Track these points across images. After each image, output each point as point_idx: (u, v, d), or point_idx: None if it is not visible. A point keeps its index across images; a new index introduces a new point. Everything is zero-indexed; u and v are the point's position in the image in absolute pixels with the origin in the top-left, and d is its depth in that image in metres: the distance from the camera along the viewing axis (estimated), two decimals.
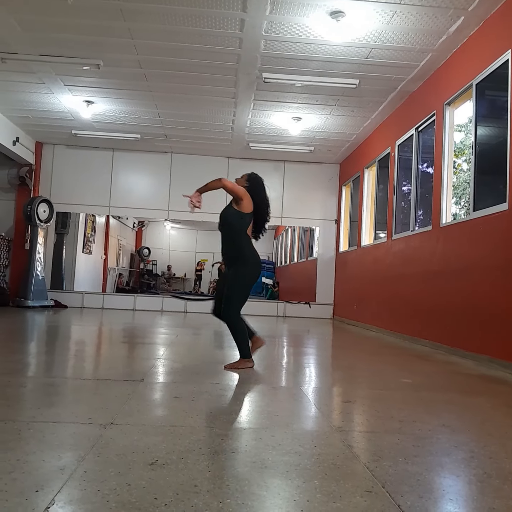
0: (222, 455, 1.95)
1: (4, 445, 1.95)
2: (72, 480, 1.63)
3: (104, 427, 2.20)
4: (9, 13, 5.42)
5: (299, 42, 5.77)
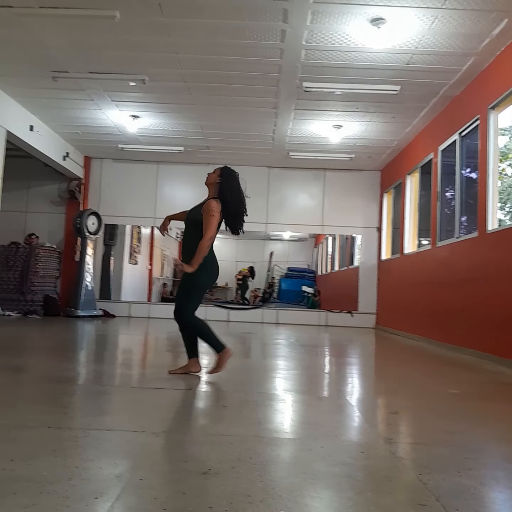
0: (273, 465, 1.97)
1: (63, 452, 2.03)
2: (128, 487, 1.68)
3: (156, 435, 2.26)
4: (61, 33, 5.65)
5: (340, 50, 5.78)
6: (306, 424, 2.67)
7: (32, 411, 2.69)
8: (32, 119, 8.40)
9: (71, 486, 1.68)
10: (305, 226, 11.17)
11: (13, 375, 3.61)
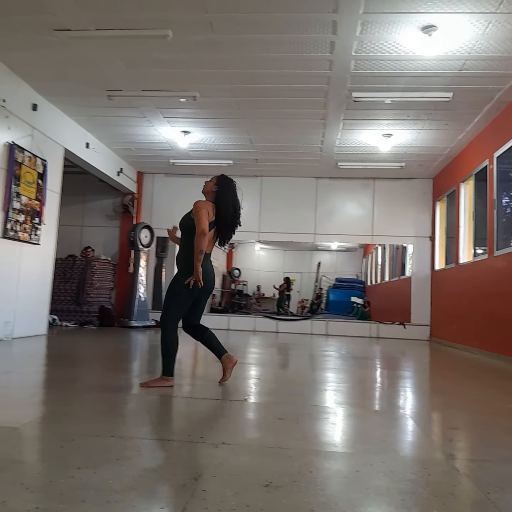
0: (334, 479, 1.95)
1: (127, 461, 2.08)
2: (193, 498, 1.71)
3: (216, 446, 2.28)
4: (116, 54, 5.87)
5: (390, 59, 5.74)
6: (365, 438, 2.63)
7: (94, 420, 2.77)
8: (88, 136, 8.74)
9: (137, 496, 1.72)
10: (354, 236, 11.07)
11: (73, 385, 3.73)
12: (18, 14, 5.11)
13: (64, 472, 1.89)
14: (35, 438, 2.40)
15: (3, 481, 1.82)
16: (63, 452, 2.16)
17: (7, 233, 6.51)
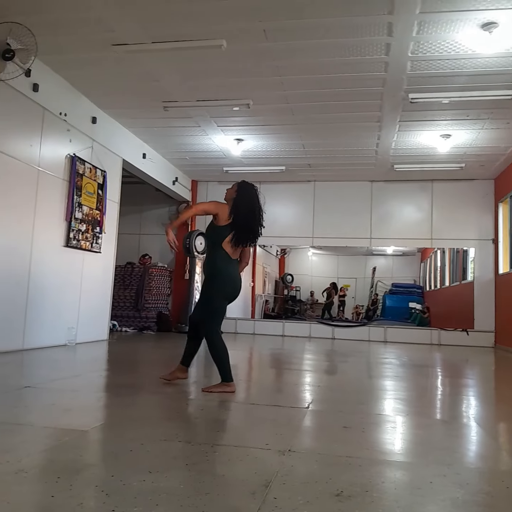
0: (407, 490, 1.90)
1: (196, 466, 2.10)
2: (264, 505, 1.70)
3: (282, 453, 2.27)
4: (172, 67, 6.01)
5: (448, 58, 5.59)
6: (435, 449, 2.55)
7: (160, 425, 2.82)
8: (145, 147, 8.97)
9: (209, 501, 1.73)
10: (412, 240, 10.78)
11: (136, 389, 3.81)
12: (78, 32, 5.33)
13: (136, 476, 1.93)
14: (105, 442, 2.47)
15: (79, 483, 1.87)
16: (133, 456, 2.20)
17: (70, 242, 6.76)
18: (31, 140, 6.03)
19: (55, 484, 1.83)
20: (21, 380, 4.13)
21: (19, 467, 1.99)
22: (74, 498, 1.72)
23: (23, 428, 2.61)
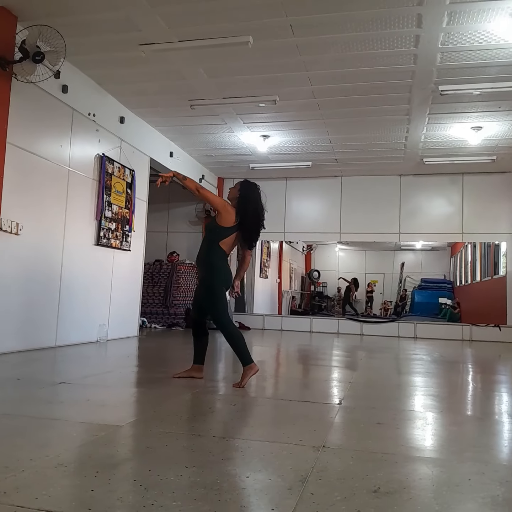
0: (445, 487, 1.87)
1: (231, 461, 2.11)
2: (302, 501, 1.70)
3: (317, 449, 2.26)
4: (198, 65, 6.04)
5: (479, 49, 5.47)
6: (471, 446, 2.51)
7: (194, 420, 2.84)
8: (172, 146, 9.04)
9: (247, 496, 1.74)
10: (442, 234, 10.60)
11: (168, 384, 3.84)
12: (106, 33, 5.40)
13: (173, 471, 1.95)
14: (140, 437, 2.50)
15: (118, 477, 1.90)
16: (169, 451, 2.23)
17: (100, 241, 6.86)
18: (61, 141, 6.13)
19: (94, 478, 1.86)
20: (55, 377, 4.22)
21: (59, 461, 2.03)
22: (113, 492, 1.74)
23: (59, 423, 2.66)
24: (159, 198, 10.43)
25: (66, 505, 1.62)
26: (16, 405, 3.06)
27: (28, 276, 5.59)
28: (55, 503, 1.63)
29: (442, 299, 14.01)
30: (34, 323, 5.72)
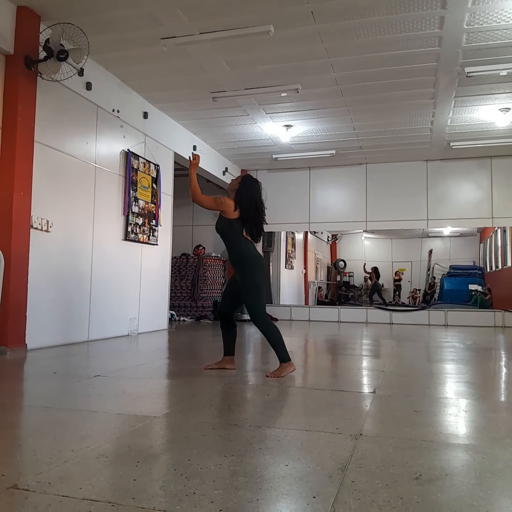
0: (488, 474, 1.84)
1: (269, 450, 2.11)
2: (343, 488, 1.69)
3: (355, 438, 2.25)
4: (220, 57, 6.02)
5: (506, 28, 5.33)
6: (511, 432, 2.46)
7: (230, 411, 2.86)
8: (195, 139, 9.06)
9: (287, 484, 1.74)
10: (471, 220, 10.37)
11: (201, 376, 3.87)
12: (128, 29, 5.43)
13: (213, 460, 1.96)
14: (177, 427, 2.52)
15: (158, 467, 1.92)
16: (207, 441, 2.24)
17: (128, 236, 6.93)
18: (87, 138, 6.20)
19: (135, 468, 1.88)
20: (90, 370, 4.29)
21: (99, 452, 2.06)
22: (155, 481, 1.76)
23: (98, 415, 2.71)
24: (184, 193, 10.44)
25: (109, 495, 1.65)
26: (54, 399, 3.12)
27: (59, 272, 5.69)
28: (99, 493, 1.66)
29: (472, 285, 13.78)
30: (67, 318, 5.82)
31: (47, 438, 2.27)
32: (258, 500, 1.60)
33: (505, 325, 9.86)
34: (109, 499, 1.61)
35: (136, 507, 1.55)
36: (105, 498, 1.62)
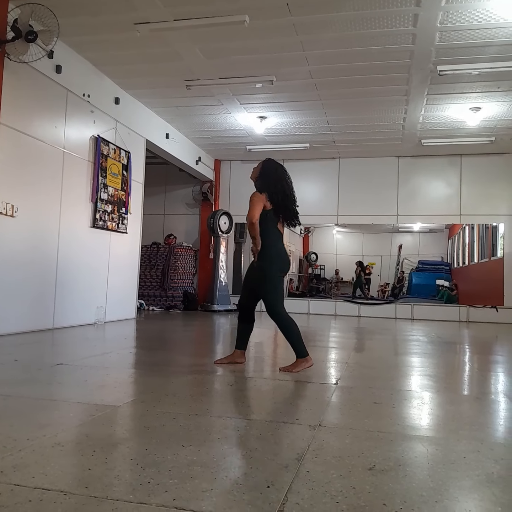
0: (440, 465, 1.88)
1: (229, 440, 2.12)
2: (297, 478, 1.71)
3: (313, 428, 2.28)
4: (195, 44, 5.95)
5: (478, 28, 5.40)
6: (467, 424, 2.52)
7: (192, 401, 2.85)
8: (168, 127, 8.96)
9: (243, 474, 1.75)
10: (440, 216, 10.58)
11: (167, 366, 3.86)
12: (100, 12, 5.32)
13: (170, 449, 1.96)
14: (138, 417, 2.51)
15: (115, 456, 1.91)
16: (166, 430, 2.24)
17: (96, 223, 6.83)
18: (56, 122, 6.07)
19: (91, 457, 1.87)
20: (53, 358, 4.22)
21: (56, 441, 2.04)
22: (110, 470, 1.75)
23: (57, 404, 2.67)
24: (156, 181, 10.38)
25: (63, 484, 1.63)
26: (14, 387, 3.06)
27: (24, 258, 5.57)
28: (52, 482, 1.63)
29: (439, 281, 14.05)
30: (32, 306, 5.72)
31: (3, 427, 2.23)
32: (212, 489, 1.61)
33: (470, 320, 10.10)
34: (62, 488, 1.59)
35: (88, 496, 1.54)
36: (58, 487, 1.60)
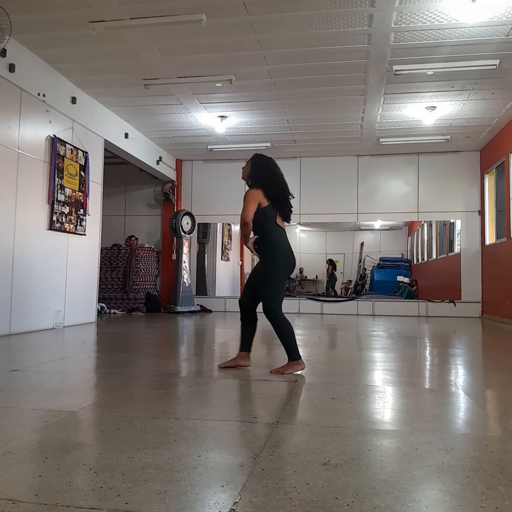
0: (394, 457, 1.92)
1: (186, 441, 2.10)
2: (252, 476, 1.71)
3: (271, 426, 2.29)
4: (152, 43, 5.89)
5: (431, 29, 5.53)
6: (421, 417, 2.58)
7: (150, 404, 2.82)
8: (127, 126, 8.84)
9: (198, 475, 1.74)
10: (399, 214, 10.82)
11: (126, 370, 3.81)
12: (54, 9, 5.19)
13: (125, 453, 1.93)
14: (94, 421, 2.46)
15: (68, 462, 1.86)
16: (122, 434, 2.20)
17: (53, 225, 6.68)
18: (10, 122, 5.91)
19: (43, 464, 1.82)
20: (8, 364, 4.11)
21: (6, 449, 1.98)
22: (62, 477, 1.71)
23: (10, 411, 2.60)
24: (116, 181, 10.23)
25: (12, 492, 1.58)
26: None
27: None
28: (0, 490, 1.59)
29: (400, 277, 14.34)
30: None
31: None
32: (166, 491, 1.59)
33: (428, 314, 10.34)
34: (11, 497, 1.55)
35: (38, 504, 1.50)
36: (6, 496, 1.55)
